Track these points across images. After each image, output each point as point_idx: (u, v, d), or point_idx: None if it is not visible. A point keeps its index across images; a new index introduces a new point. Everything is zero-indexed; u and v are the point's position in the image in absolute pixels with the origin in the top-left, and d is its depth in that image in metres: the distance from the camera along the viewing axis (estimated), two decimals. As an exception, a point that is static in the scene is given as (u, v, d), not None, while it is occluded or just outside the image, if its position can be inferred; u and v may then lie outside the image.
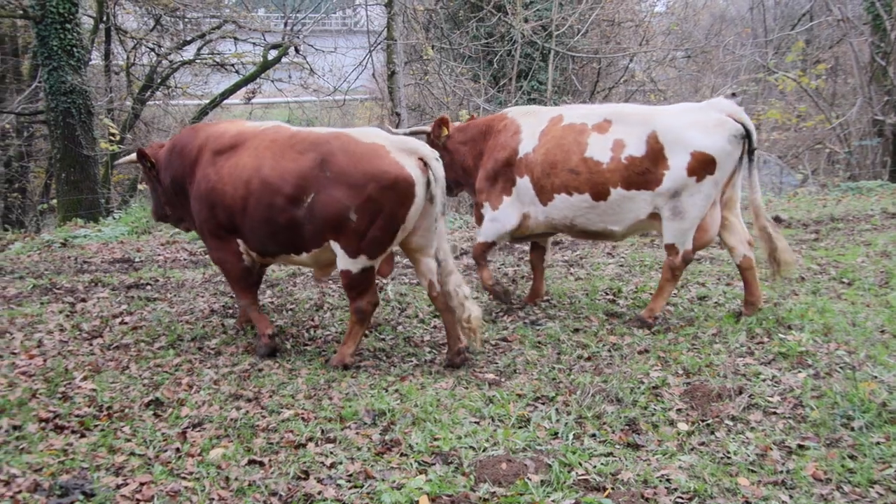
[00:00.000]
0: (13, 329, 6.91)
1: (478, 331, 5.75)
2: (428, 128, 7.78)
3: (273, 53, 18.91)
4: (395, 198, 5.59)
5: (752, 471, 4.17)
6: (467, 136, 7.56)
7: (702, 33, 23.47)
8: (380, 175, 5.56)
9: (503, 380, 5.58)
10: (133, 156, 7.16)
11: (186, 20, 19.07)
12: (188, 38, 19.52)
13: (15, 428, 4.79)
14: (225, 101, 20.01)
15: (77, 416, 5.00)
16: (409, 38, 17.04)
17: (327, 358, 6.13)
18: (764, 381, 5.29)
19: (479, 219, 7.47)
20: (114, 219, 13.31)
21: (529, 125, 7.13)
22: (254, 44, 19.73)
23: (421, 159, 5.71)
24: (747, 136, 6.37)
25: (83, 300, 7.92)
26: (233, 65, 20.12)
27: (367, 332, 6.75)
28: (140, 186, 18.37)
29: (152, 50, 19.51)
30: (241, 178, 6.00)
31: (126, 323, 7.12)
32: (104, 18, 18.02)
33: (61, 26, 13.47)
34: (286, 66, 20.55)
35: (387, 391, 5.39)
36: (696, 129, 6.35)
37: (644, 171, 6.45)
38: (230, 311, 7.56)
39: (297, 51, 19.08)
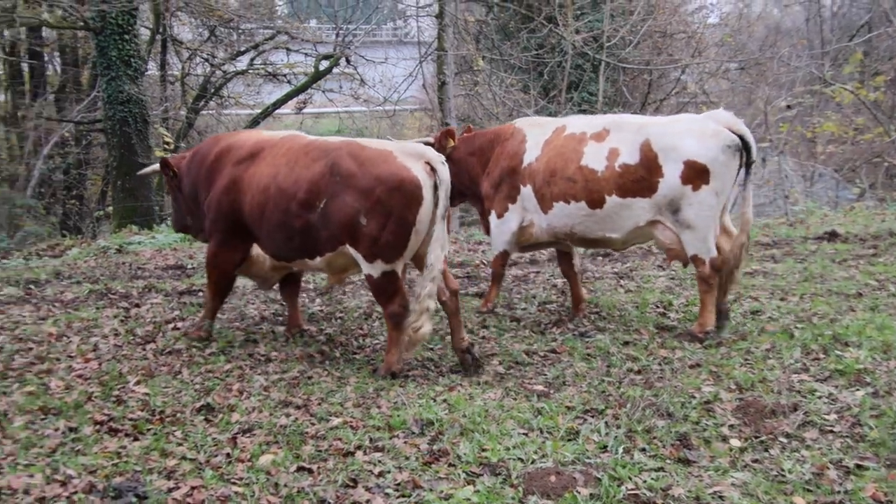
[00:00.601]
0: (70, 333, 7.08)
1: (417, 344, 5.86)
2: (431, 139, 7.91)
3: (324, 64, 19.08)
4: (402, 200, 5.73)
5: (808, 490, 4.07)
6: (474, 147, 7.75)
7: (756, 45, 23.15)
8: (387, 178, 5.73)
9: (552, 391, 5.54)
10: (156, 165, 7.40)
11: (240, 31, 19.41)
12: (241, 49, 19.85)
13: (71, 430, 4.90)
14: (276, 111, 20.26)
15: (130, 419, 5.08)
16: (459, 49, 17.08)
17: (375, 367, 6.16)
18: (820, 398, 5.17)
19: (487, 227, 7.72)
20: (167, 226, 13.56)
21: (535, 135, 7.31)
22: (305, 54, 19.94)
23: (427, 163, 5.83)
24: (745, 148, 6.40)
25: (137, 305, 8.08)
26: (284, 75, 20.37)
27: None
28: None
29: (206, 60, 19.88)
30: (260, 186, 6.25)
31: (178, 328, 7.23)
32: (161, 30, 18.40)
33: (120, 37, 13.83)
34: (337, 77, 20.71)
35: (435, 401, 5.38)
36: (689, 137, 6.45)
37: (639, 178, 6.57)
38: (280, 318, 7.63)
39: (348, 61, 19.22)
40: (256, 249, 6.65)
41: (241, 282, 9.04)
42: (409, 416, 5.06)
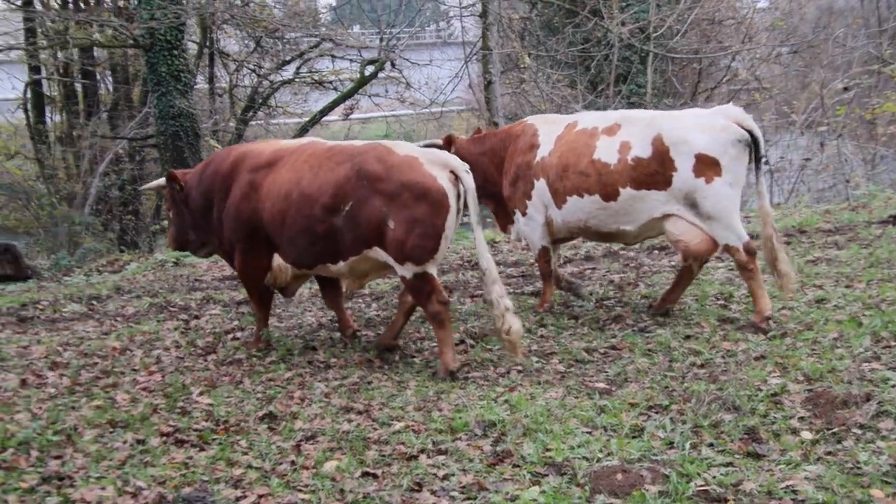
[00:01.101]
0: (133, 346, 7.26)
1: (517, 343, 5.92)
2: (440, 141, 8.10)
3: (370, 69, 19.21)
4: (429, 208, 5.85)
5: (887, 482, 3.96)
6: (486, 147, 7.92)
7: (808, 27, 22.67)
8: (413, 185, 5.85)
9: (614, 388, 5.49)
10: (161, 180, 7.48)
11: (285, 41, 19.60)
12: (287, 58, 20.05)
13: (139, 442, 5.02)
14: (324, 118, 20.46)
15: (196, 430, 5.19)
16: (504, 47, 17.05)
17: (434, 371, 6.18)
18: (894, 387, 5.03)
19: (504, 226, 8.12)
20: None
21: (547, 131, 7.47)
22: (350, 60, 20.09)
23: (452, 172, 5.97)
24: (754, 143, 6.50)
25: (196, 317, 8.23)
26: (330, 82, 20.54)
27: (473, 341, 6.80)
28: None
29: (253, 71, 20.15)
30: (281, 193, 6.31)
31: (238, 338, 7.36)
32: (207, 43, 18.71)
33: (169, 53, 14.09)
34: (383, 81, 20.85)
35: (496, 402, 5.37)
36: (699, 132, 6.53)
37: (653, 172, 6.66)
38: (337, 324, 7.70)
39: (392, 65, 19.33)
40: (277, 259, 6.71)
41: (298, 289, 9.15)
42: (471, 418, 5.06)
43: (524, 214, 7.58)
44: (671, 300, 7.22)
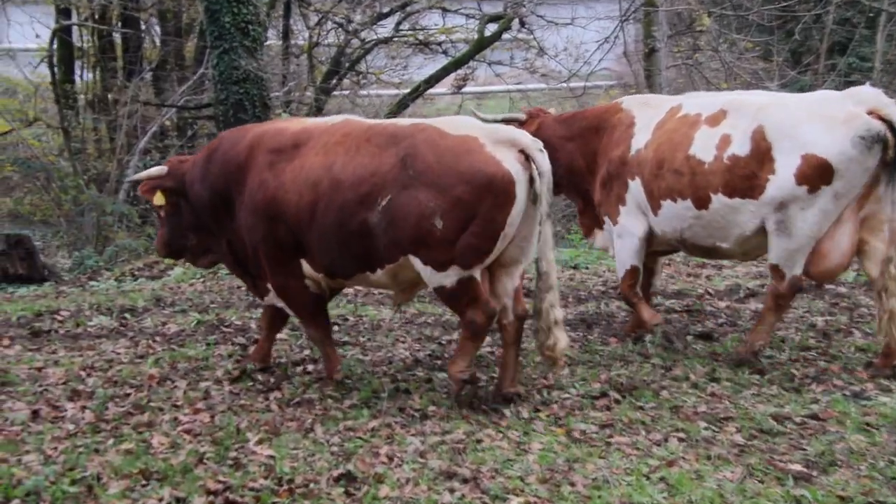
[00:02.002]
0: (175, 375, 7.49)
1: (560, 361, 6.46)
2: (522, 116, 8.54)
3: (491, 28, 19.22)
4: (491, 201, 6.08)
5: None
6: (573, 131, 8.30)
7: None
8: (472, 174, 6.07)
9: (815, 474, 5.37)
10: (154, 170, 7.67)
11: (383, -13, 19.81)
12: (385, 11, 20.18)
13: (178, 501, 5.16)
14: (429, 90, 20.46)
15: (252, 488, 5.30)
16: (675, 3, 16.89)
17: (569, 429, 6.19)
18: None
19: (588, 231, 8.62)
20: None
21: (645, 117, 7.89)
22: (467, 16, 20.11)
23: (522, 151, 6.18)
24: (894, 137, 6.54)
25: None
26: (439, 43, 20.55)
27: (619, 395, 6.78)
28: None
29: (340, 26, 20.26)
30: (308, 182, 6.54)
31: (309, 373, 7.52)
32: (284, -13, 19.02)
33: (235, -1, 14.41)
34: (507, 44, 20.81)
35: (648, 479, 5.34)
36: (813, 124, 6.72)
37: (750, 174, 6.95)
38: (438, 361, 7.76)
39: (522, 24, 19.25)
40: (307, 268, 6.92)
41: (389, 312, 9.29)
42: (614, 499, 5.03)
43: (615, 222, 7.89)
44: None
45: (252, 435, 6.09)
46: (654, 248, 8.00)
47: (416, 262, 6.34)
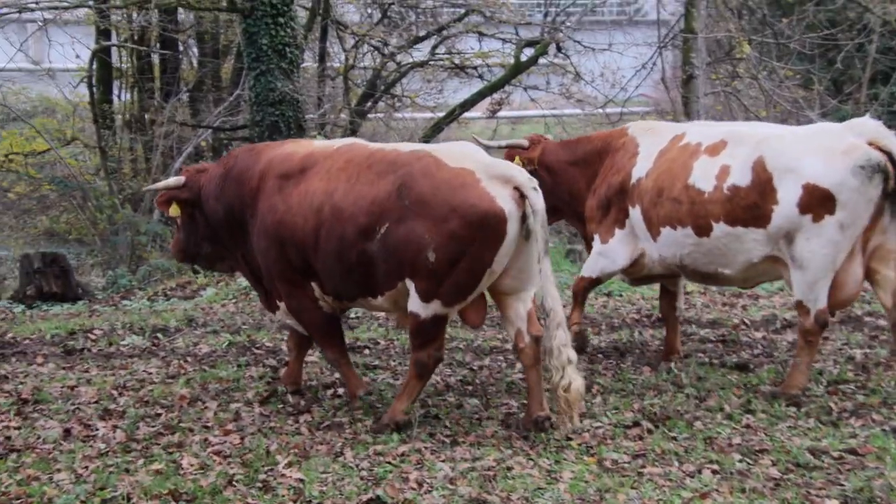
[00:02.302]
0: (206, 396, 7.55)
1: (575, 405, 6.40)
2: (525, 142, 8.80)
3: (528, 52, 19.24)
4: (482, 237, 6.22)
5: None
6: (577, 155, 8.51)
7: None
8: (466, 209, 6.19)
9: (853, 511, 5.30)
10: (171, 180, 7.84)
11: (420, 11, 19.89)
12: (421, 34, 20.24)
13: (208, 522, 5.19)
14: (463, 114, 20.49)
15: (281, 511, 5.31)
16: (714, 30, 16.83)
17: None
18: None
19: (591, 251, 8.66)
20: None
21: (648, 145, 8.04)
22: (503, 40, 20.14)
23: (517, 188, 6.30)
24: (895, 168, 6.71)
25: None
26: (475, 67, 20.59)
27: (652, 425, 6.74)
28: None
29: (376, 49, 20.41)
30: (312, 207, 6.69)
31: (339, 396, 7.53)
32: (321, 10, 19.13)
33: (273, 20, 14.50)
34: (543, 69, 20.83)
35: (682, 511, 5.26)
36: (813, 155, 6.88)
37: (751, 204, 7.11)
38: (469, 386, 7.75)
39: (559, 48, 19.25)
40: (317, 290, 7.09)
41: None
42: (646, 530, 4.99)
43: (604, 242, 8.22)
44: None
45: (282, 458, 6.12)
46: (652, 272, 8.16)
47: (410, 286, 6.48)
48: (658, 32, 18.04)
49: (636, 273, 8.24)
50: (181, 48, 22.83)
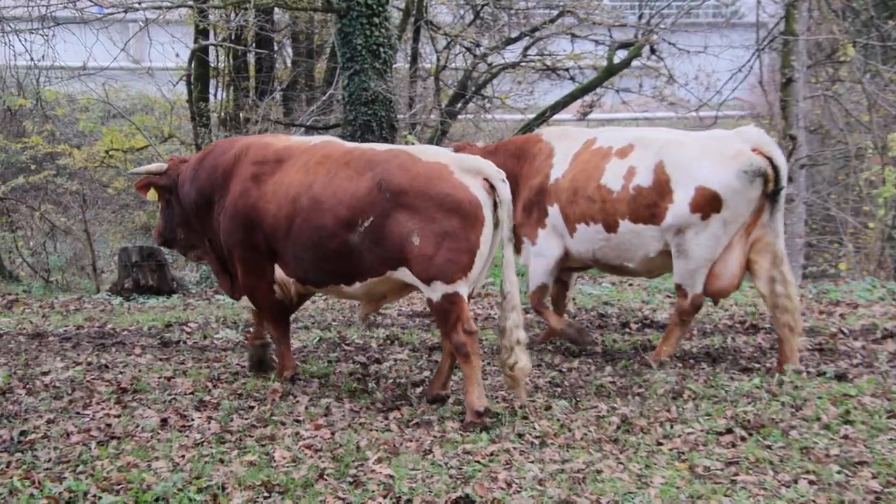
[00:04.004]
0: (297, 391, 7.63)
1: (521, 382, 6.90)
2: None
3: (621, 55, 19.11)
4: (461, 220, 6.74)
5: None
6: (498, 161, 8.40)
7: None
8: (443, 198, 6.75)
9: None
10: (152, 165, 8.38)
11: (512, 12, 19.88)
12: (513, 36, 20.24)
13: (299, 514, 5.25)
14: (554, 116, 20.40)
15: (370, 506, 5.34)
16: (816, 32, 16.47)
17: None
18: None
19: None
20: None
21: (563, 149, 8.79)
22: (596, 42, 20.02)
23: (486, 180, 6.88)
24: (775, 172, 7.66)
25: (378, 361, 8.54)
26: (567, 69, 20.49)
27: (746, 432, 6.64)
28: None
29: (468, 50, 20.48)
30: (288, 196, 7.08)
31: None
32: (415, 11, 19.23)
33: (368, 20, 14.62)
34: (636, 72, 20.68)
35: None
36: (705, 160, 7.83)
37: (651, 203, 8.02)
38: (558, 388, 7.73)
39: (652, 51, 19.12)
40: (279, 272, 7.46)
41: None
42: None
43: (533, 243, 8.91)
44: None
45: (371, 453, 6.18)
46: (570, 265, 8.98)
47: (408, 274, 6.94)
48: (757, 35, 17.71)
49: (565, 265, 8.97)
50: (276, 48, 23.13)
